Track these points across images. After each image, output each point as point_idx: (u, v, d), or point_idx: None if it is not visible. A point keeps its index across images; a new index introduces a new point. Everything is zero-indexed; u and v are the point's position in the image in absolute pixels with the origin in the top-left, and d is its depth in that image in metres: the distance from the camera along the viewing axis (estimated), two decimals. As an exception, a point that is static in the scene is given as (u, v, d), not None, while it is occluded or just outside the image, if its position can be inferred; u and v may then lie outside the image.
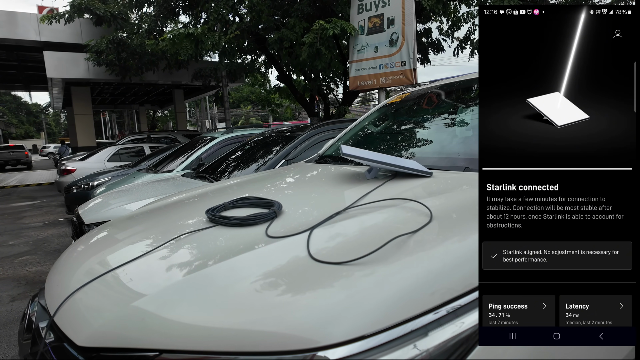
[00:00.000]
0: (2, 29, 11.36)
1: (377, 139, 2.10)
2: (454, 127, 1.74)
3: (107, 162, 8.44)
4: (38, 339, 0.99)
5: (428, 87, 2.22)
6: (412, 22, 5.78)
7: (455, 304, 0.71)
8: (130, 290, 0.94)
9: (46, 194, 10.51)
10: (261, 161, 3.22)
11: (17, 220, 6.91)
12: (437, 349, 0.66)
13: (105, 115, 34.71)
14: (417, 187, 1.25)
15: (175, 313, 0.79)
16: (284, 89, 11.89)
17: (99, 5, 9.37)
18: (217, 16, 7.34)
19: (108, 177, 5.73)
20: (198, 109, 29.96)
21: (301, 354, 0.66)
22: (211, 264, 0.93)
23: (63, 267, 1.23)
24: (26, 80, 19.15)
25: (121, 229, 1.48)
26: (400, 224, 0.97)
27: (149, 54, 9.63)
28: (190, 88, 17.04)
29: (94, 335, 0.83)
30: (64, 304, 0.96)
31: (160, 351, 0.74)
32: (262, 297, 0.78)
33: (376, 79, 6.21)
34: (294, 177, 1.83)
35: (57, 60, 11.91)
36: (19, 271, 4.16)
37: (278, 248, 0.95)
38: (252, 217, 1.13)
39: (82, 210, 2.81)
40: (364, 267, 0.78)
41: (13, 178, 16.29)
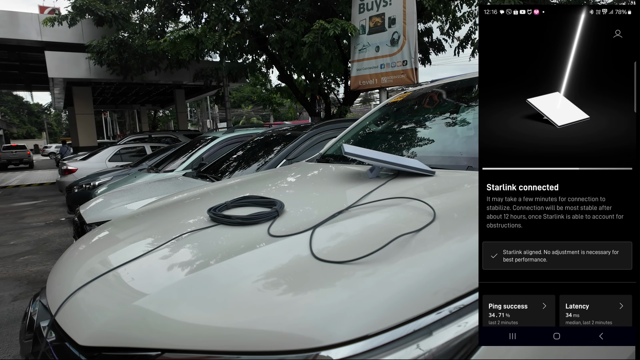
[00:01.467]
0: (4, 29, 11.38)
1: (378, 138, 2.10)
2: (456, 126, 1.74)
3: (108, 161, 8.45)
4: (39, 338, 0.99)
5: (429, 86, 2.22)
6: (413, 22, 5.77)
7: (458, 303, 0.71)
8: (132, 289, 0.94)
9: (48, 193, 10.53)
10: (262, 161, 3.23)
11: (19, 220, 6.92)
12: (440, 349, 0.66)
13: (107, 115, 34.73)
14: (419, 186, 1.25)
15: (177, 312, 0.79)
16: (285, 89, 11.89)
17: (101, 6, 9.38)
18: (218, 16, 7.34)
19: (109, 176, 5.74)
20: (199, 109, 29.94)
21: (304, 353, 0.66)
22: (213, 263, 0.93)
23: (64, 266, 1.23)
24: (28, 80, 19.18)
25: (122, 228, 1.48)
26: (402, 223, 0.96)
27: (151, 54, 9.65)
28: (192, 88, 17.05)
29: (96, 334, 0.83)
30: (66, 303, 0.96)
31: (162, 350, 0.74)
32: (264, 297, 0.78)
33: (377, 79, 6.20)
34: (295, 177, 1.83)
35: (58, 60, 11.92)
36: (20, 271, 4.17)
37: (280, 247, 0.95)
38: (254, 216, 1.13)
39: (83, 209, 2.82)
40: (367, 267, 0.78)
41: (15, 178, 16.32)
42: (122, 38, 9.90)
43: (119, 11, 9.64)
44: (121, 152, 8.89)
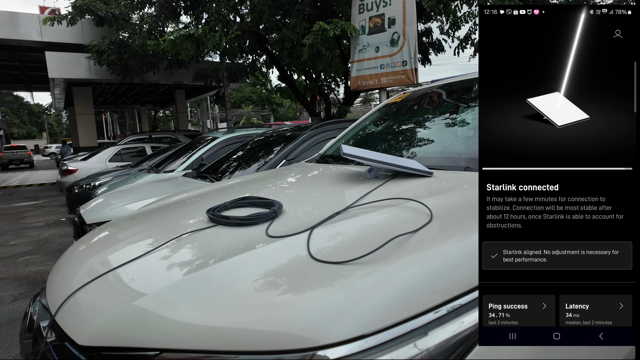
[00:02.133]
0: (4, 29, 11.40)
1: (377, 139, 2.10)
2: (455, 126, 1.74)
3: (108, 162, 8.46)
4: (39, 338, 0.99)
5: (429, 86, 2.22)
6: (413, 22, 5.77)
7: (456, 303, 0.71)
8: (131, 289, 0.94)
9: (48, 194, 10.54)
10: (262, 161, 3.23)
11: (19, 220, 6.93)
12: (437, 348, 0.66)
13: (107, 115, 34.77)
14: (417, 187, 1.25)
15: (176, 312, 0.79)
16: (285, 89, 11.90)
17: (101, 6, 9.40)
18: (218, 16, 7.35)
19: (109, 177, 5.74)
20: (199, 109, 29.98)
21: (301, 353, 0.66)
22: (212, 263, 0.93)
23: (64, 266, 1.24)
24: (28, 81, 19.22)
25: (122, 229, 1.48)
26: (400, 223, 0.97)
27: (150, 54, 9.66)
28: (192, 88, 17.06)
29: (95, 334, 0.83)
30: (65, 303, 0.97)
31: (161, 350, 0.74)
32: (262, 297, 0.78)
33: (377, 79, 6.20)
34: (294, 177, 1.83)
35: (59, 60, 11.94)
36: (20, 271, 4.17)
37: (278, 247, 0.95)
38: (253, 216, 1.13)
39: (83, 210, 2.82)
40: (364, 267, 0.79)
41: (15, 178, 16.33)
42: (122, 38, 9.92)
43: (119, 11, 9.66)
44: (121, 152, 8.90)
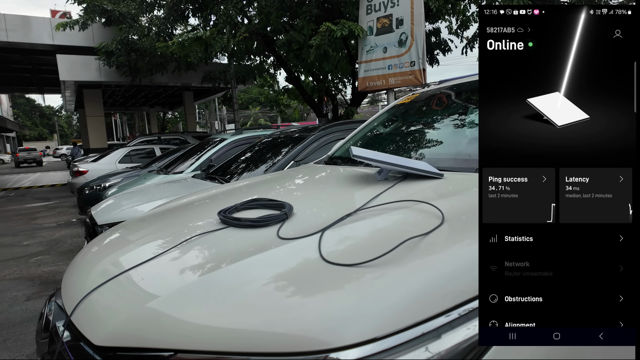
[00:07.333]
0: (18, 33, 11.59)
1: (386, 140, 2.10)
2: (464, 127, 1.73)
3: (118, 163, 8.55)
4: (55, 338, 1.01)
5: (437, 87, 2.21)
6: (421, 22, 5.76)
7: (468, 306, 0.71)
8: (144, 291, 0.96)
9: (59, 195, 10.68)
10: (270, 162, 3.24)
11: (31, 221, 7.03)
12: (449, 351, 0.66)
13: (117, 117, 35.13)
14: (427, 189, 1.25)
15: (189, 314, 0.80)
16: (292, 90, 11.93)
17: (108, 3, 9.52)
18: (226, 19, 7.40)
19: (119, 178, 5.80)
20: (207, 111, 30.16)
21: (314, 355, 0.66)
22: (224, 265, 0.94)
23: (79, 267, 1.26)
24: (40, 83, 19.49)
25: (134, 231, 1.50)
26: (411, 226, 0.97)
27: (159, 55, 9.75)
28: (200, 90, 17.18)
29: (110, 334, 0.85)
30: (81, 304, 0.98)
31: (175, 351, 0.75)
32: (275, 299, 0.79)
33: (385, 80, 6.19)
34: (303, 179, 1.84)
35: (69, 63, 12.11)
36: (33, 271, 4.23)
37: (290, 250, 0.95)
38: (264, 218, 1.14)
39: (94, 211, 2.86)
40: (376, 269, 0.79)
41: (27, 179, 16.59)
42: (131, 39, 10.03)
43: (127, 10, 9.77)
44: (131, 153, 8.99)
